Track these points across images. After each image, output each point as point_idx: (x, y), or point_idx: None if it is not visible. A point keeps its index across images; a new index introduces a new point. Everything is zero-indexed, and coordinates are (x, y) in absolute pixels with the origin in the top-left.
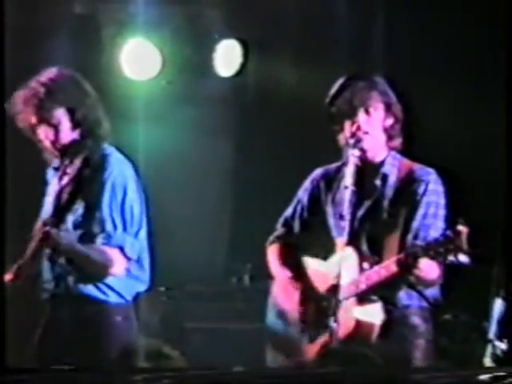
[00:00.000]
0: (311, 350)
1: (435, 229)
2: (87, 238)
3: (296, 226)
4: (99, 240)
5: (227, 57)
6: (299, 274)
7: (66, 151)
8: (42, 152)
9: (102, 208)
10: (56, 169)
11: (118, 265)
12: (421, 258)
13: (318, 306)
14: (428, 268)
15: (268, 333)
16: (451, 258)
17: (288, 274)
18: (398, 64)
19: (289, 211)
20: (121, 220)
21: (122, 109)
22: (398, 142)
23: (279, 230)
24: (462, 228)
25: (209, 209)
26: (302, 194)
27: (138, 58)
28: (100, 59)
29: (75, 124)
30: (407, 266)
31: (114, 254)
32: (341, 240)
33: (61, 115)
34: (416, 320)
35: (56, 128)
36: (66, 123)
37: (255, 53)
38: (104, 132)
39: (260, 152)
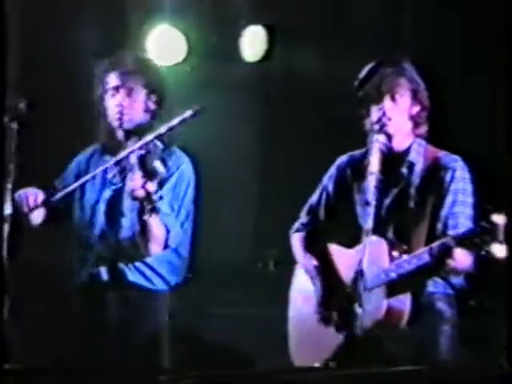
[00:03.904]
0: (338, 340)
1: (464, 216)
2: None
3: (321, 213)
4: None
5: (253, 43)
6: (325, 262)
7: (130, 132)
8: (101, 132)
9: (164, 190)
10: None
11: (158, 244)
12: (455, 248)
13: (345, 293)
14: (462, 258)
15: (293, 321)
16: (486, 249)
17: (314, 262)
18: (425, 50)
19: (314, 199)
20: (177, 208)
21: None
22: (423, 129)
23: (304, 217)
24: (498, 219)
25: (234, 195)
26: (328, 181)
27: (164, 44)
28: (126, 45)
29: (150, 105)
30: (441, 255)
31: (160, 232)
32: (368, 228)
33: (140, 91)
34: (442, 306)
35: (132, 98)
36: (142, 99)
37: (281, 39)
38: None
39: (285, 138)
